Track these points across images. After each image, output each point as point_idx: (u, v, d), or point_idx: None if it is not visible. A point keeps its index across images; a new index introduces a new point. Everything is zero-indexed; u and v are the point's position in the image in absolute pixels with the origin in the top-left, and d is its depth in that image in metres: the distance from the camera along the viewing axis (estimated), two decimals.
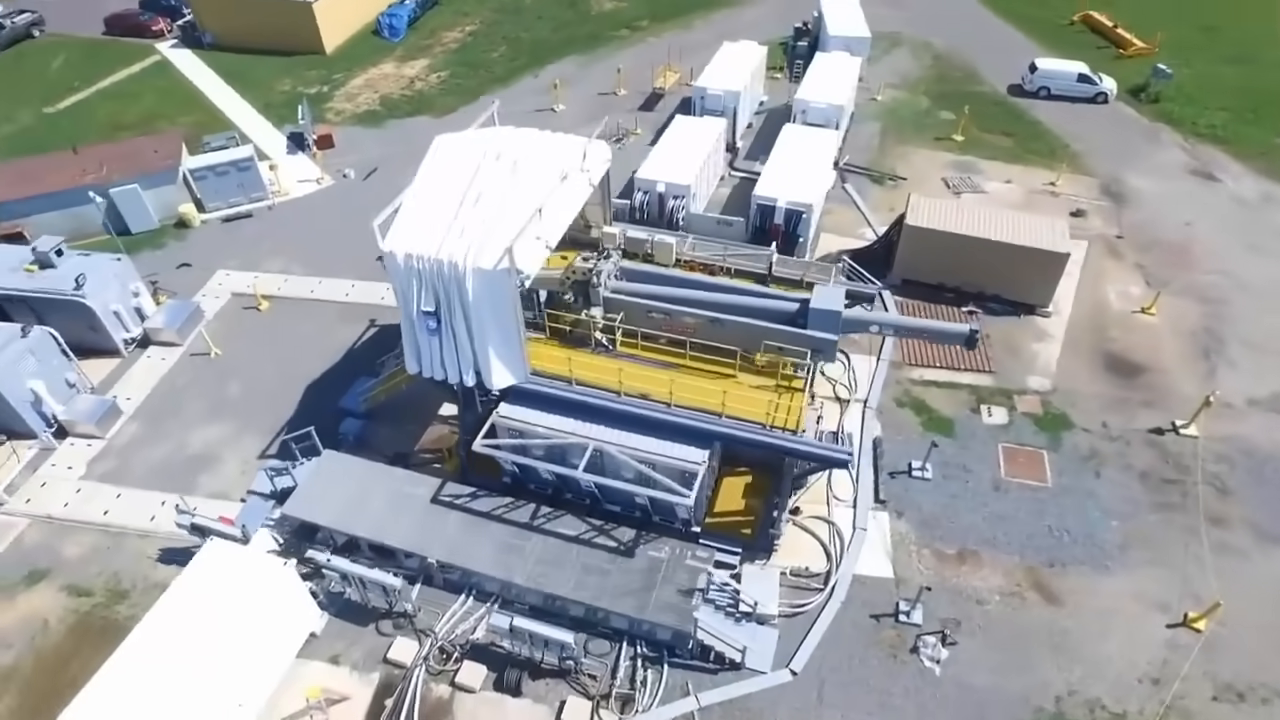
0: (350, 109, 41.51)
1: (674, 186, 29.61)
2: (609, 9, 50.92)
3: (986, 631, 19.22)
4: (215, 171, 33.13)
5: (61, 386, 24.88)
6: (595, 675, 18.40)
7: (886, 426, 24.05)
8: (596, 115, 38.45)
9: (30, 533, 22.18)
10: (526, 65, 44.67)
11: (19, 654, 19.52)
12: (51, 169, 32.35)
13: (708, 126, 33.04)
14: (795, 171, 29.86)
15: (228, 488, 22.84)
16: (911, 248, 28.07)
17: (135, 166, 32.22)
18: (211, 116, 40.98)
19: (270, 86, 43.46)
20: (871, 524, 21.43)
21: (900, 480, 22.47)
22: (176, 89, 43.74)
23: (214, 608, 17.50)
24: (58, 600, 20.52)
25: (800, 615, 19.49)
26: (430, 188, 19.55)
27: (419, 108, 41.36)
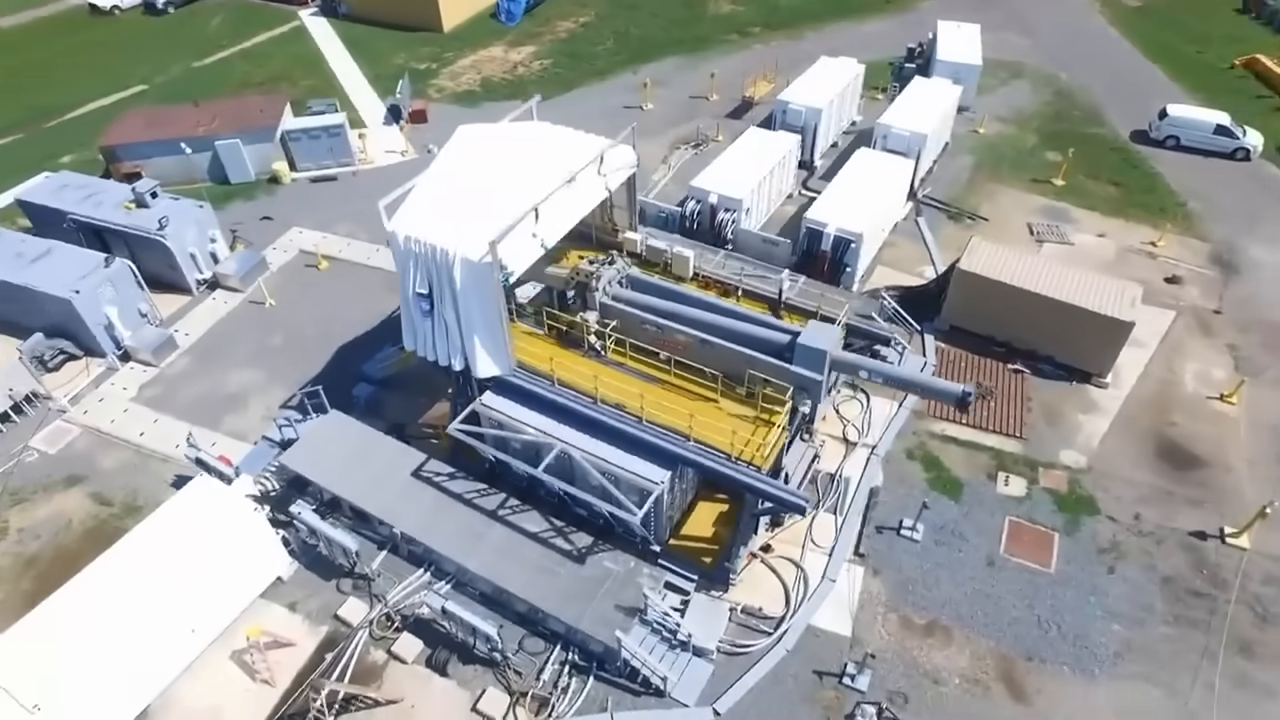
0: (451, 87, 43.26)
1: (726, 199, 29.10)
2: (725, 12, 50.41)
3: (935, 714, 17.93)
4: (309, 135, 35.47)
5: (134, 315, 27.50)
6: (521, 672, 18.56)
7: (889, 478, 22.77)
8: (684, 118, 38.63)
9: (79, 441, 24.70)
10: (628, 61, 44.98)
11: (42, 545, 21.84)
12: (175, 119, 35.62)
13: (779, 141, 32.21)
14: (856, 198, 28.67)
15: (246, 430, 24.56)
16: (962, 294, 26.33)
17: (240, 123, 34.98)
18: (327, 82, 43.83)
19: (385, 59, 45.92)
20: (843, 576, 20.40)
21: (887, 537, 21.25)
22: (305, 54, 47.05)
23: (187, 537, 18.89)
24: (83, 505, 22.80)
25: (742, 656, 18.88)
26: (442, 175, 20.13)
27: (515, 93, 42.50)
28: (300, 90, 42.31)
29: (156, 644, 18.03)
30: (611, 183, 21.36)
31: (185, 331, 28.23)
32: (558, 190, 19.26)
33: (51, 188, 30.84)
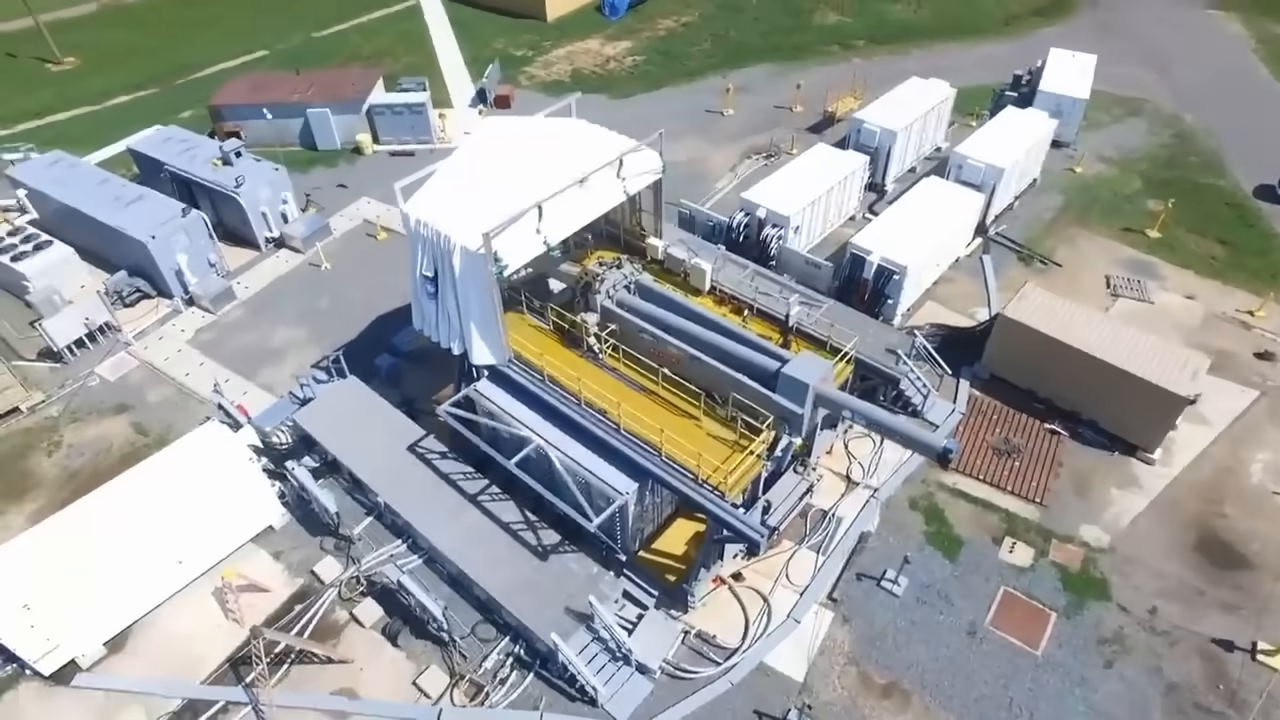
0: (542, 76, 44.10)
1: (775, 215, 28.33)
2: (830, 23, 48.96)
3: None
4: (392, 110, 37.05)
5: (202, 264, 29.65)
6: (466, 656, 18.90)
7: (886, 524, 21.65)
8: (763, 127, 37.90)
9: (135, 373, 26.90)
10: (720, 65, 44.45)
11: (84, 462, 23.95)
12: (276, 85, 38.07)
13: (844, 161, 31.02)
14: (911, 228, 27.30)
15: (276, 384, 26.02)
16: (1004, 342, 24.64)
17: (332, 93, 36.96)
18: (428, 60, 45.61)
19: (486, 43, 47.32)
20: (810, 619, 19.58)
21: (866, 585, 20.23)
22: (413, 32, 49.10)
23: (188, 476, 20.29)
24: (124, 432, 24.84)
25: (686, 681, 18.48)
26: (463, 164, 20.61)
27: (602, 87, 42.89)
28: (400, 66, 44.26)
29: (145, 570, 19.48)
30: (631, 187, 21.23)
31: (245, 285, 30.19)
32: (567, 189, 19.32)
33: (158, 140, 33.63)
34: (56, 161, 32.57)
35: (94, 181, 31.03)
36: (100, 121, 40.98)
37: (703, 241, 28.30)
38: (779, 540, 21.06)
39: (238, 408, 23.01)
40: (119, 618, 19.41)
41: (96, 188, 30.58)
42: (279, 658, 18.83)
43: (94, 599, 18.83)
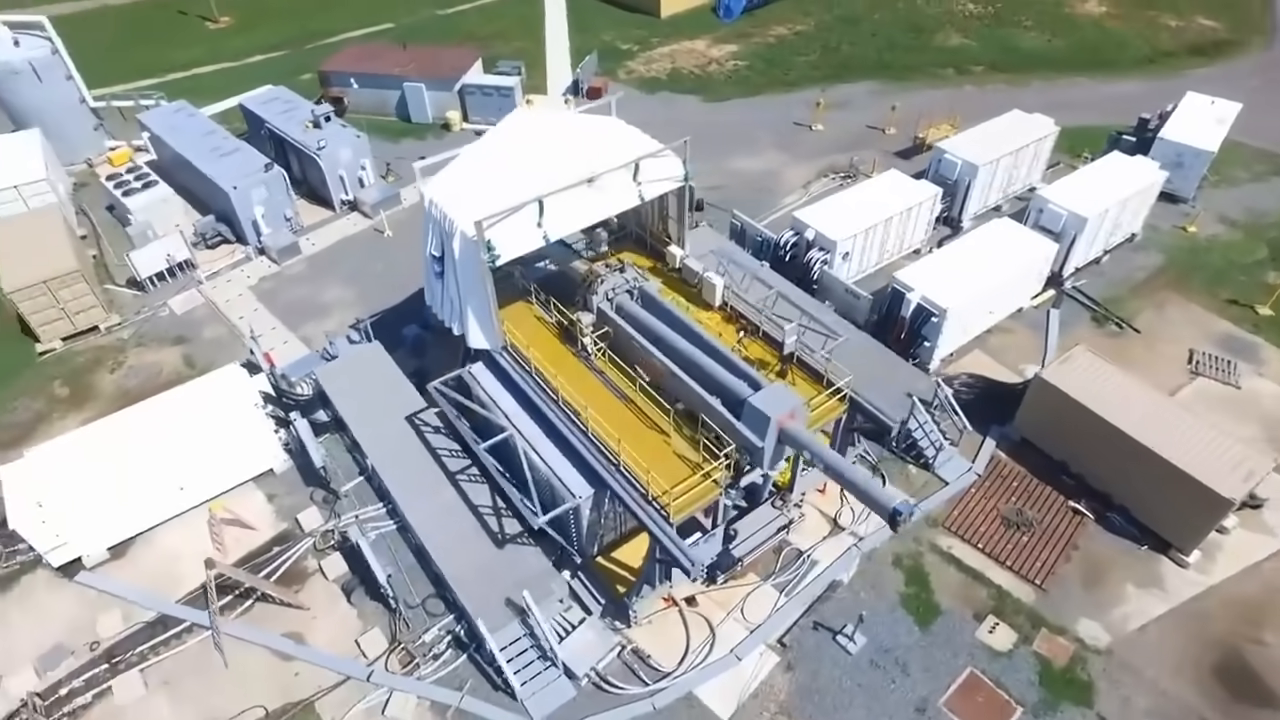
0: (640, 72, 44.25)
1: (823, 239, 27.26)
2: (953, 44, 46.32)
3: None
4: (482, 91, 38.29)
5: (278, 217, 31.81)
6: (410, 625, 19.46)
7: (862, 576, 20.50)
8: (849, 147, 36.52)
9: (199, 310, 29.28)
10: (823, 77, 43.07)
11: (136, 384, 26.28)
12: (382, 57, 40.18)
13: (914, 191, 29.37)
14: (965, 269, 25.57)
15: (314, 338, 27.59)
16: (1040, 406, 22.68)
17: (430, 70, 38.59)
18: (537, 46, 46.75)
19: (595, 34, 47.95)
20: (753, 659, 18.85)
21: (821, 636, 19.23)
22: (529, 17, 50.43)
23: (203, 410, 21.89)
24: (175, 362, 27.11)
25: (609, 695, 18.26)
26: (485, 149, 21.01)
27: (697, 88, 42.56)
28: (510, 50, 45.59)
29: (150, 489, 21.21)
30: (648, 191, 20.98)
31: (313, 241, 32.14)
32: (573, 187, 19.35)
33: (265, 98, 36.29)
34: (178, 110, 35.81)
35: (202, 131, 33.90)
36: (234, 77, 44.63)
37: (746, 256, 27.75)
38: (744, 572, 20.54)
39: (265, 356, 24.57)
40: (122, 528, 21.28)
41: (202, 137, 33.40)
42: (246, 592, 20.09)
43: (103, 507, 20.68)
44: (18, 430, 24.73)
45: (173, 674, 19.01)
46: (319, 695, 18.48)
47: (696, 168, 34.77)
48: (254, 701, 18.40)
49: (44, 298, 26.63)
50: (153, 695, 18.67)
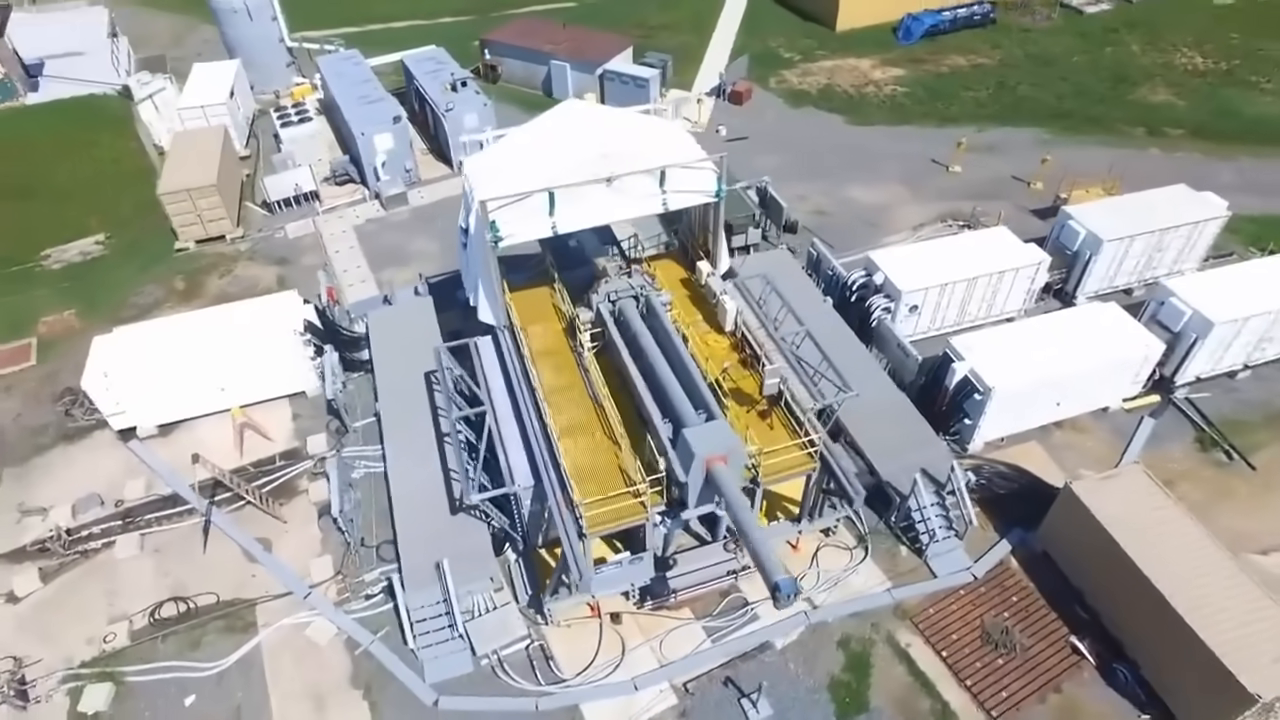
0: (792, 83, 42.89)
1: (891, 286, 25.31)
2: (1155, 100, 40.58)
3: None
4: (620, 79, 38.92)
5: (398, 167, 34.43)
6: (358, 562, 20.74)
7: (800, 646, 19.09)
8: (982, 195, 33.53)
9: (307, 239, 32.47)
10: (986, 117, 39.50)
11: (236, 291, 29.66)
12: (539, 33, 41.92)
13: (1015, 253, 26.38)
14: (1039, 351, 22.80)
15: (388, 282, 29.73)
16: (1065, 521, 19.83)
17: (578, 51, 39.79)
18: (702, 42, 46.63)
19: (763, 38, 47.03)
20: (649, 694, 18.24)
21: (728, 693, 18.20)
22: (705, 12, 50.31)
23: (257, 325, 24.36)
24: (270, 280, 30.32)
25: (501, 682, 18.46)
26: (529, 133, 21.53)
27: (845, 108, 40.63)
28: (671, 42, 45.90)
29: (198, 385, 24.00)
30: (674, 201, 20.58)
31: (422, 195, 34.49)
32: (589, 185, 19.41)
33: (423, 57, 39.20)
34: (347, 58, 39.62)
35: (359, 79, 37.29)
36: (421, 34, 48.28)
37: (806, 284, 26.42)
38: (679, 605, 19.88)
39: (327, 289, 26.88)
40: (171, 411, 24.33)
41: (357, 84, 36.74)
42: (245, 492, 22.32)
43: (159, 390, 23.73)
44: (135, 310, 28.88)
45: (163, 545, 21.62)
46: (262, 599, 20.27)
47: (811, 188, 34.07)
48: (213, 588, 20.53)
49: (185, 204, 30.75)
50: (143, 557, 21.35)
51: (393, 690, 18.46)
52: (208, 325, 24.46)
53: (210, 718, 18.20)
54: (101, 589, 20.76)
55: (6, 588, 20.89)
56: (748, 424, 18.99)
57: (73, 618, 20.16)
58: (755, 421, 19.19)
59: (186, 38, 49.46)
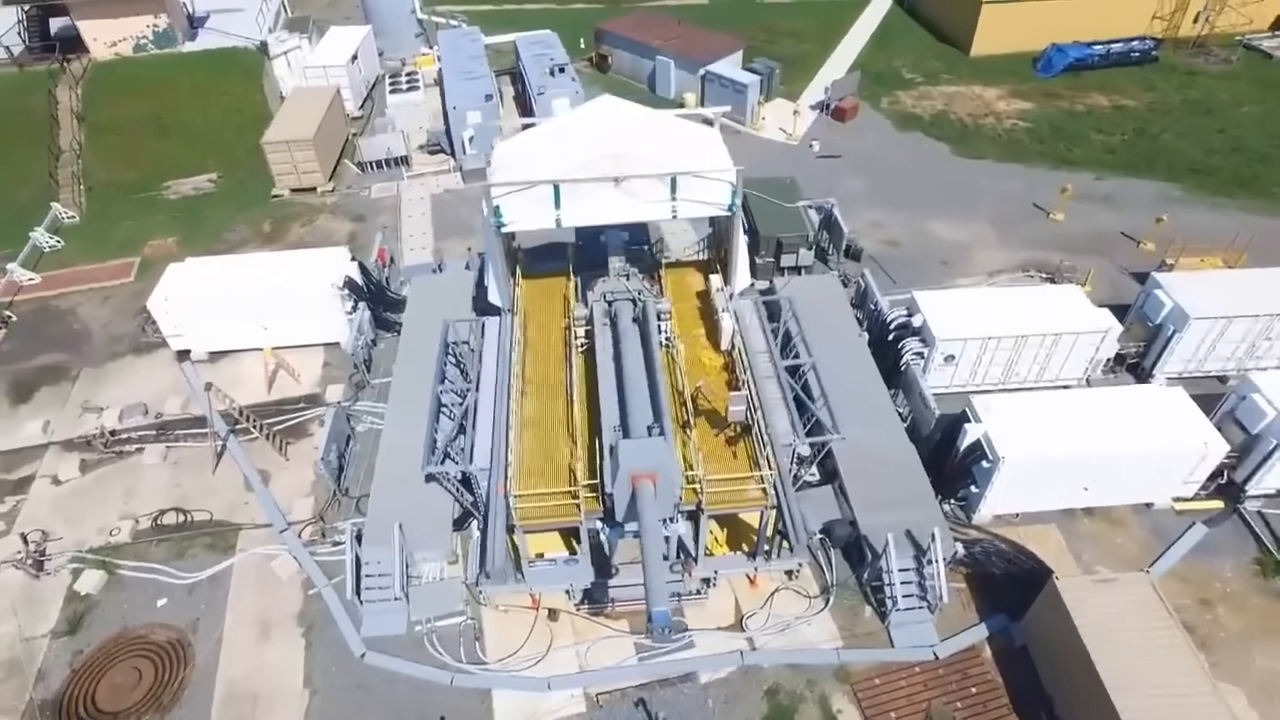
0: (905, 105, 40.68)
1: (929, 332, 23.57)
2: None
3: None
4: (720, 82, 38.33)
5: (485, 143, 35.19)
6: (338, 509, 21.89)
7: (723, 685, 18.29)
8: (1081, 249, 30.64)
9: (387, 200, 34.33)
10: (1113, 164, 35.78)
11: (311, 241, 31.86)
12: (653, 26, 41.99)
13: (1084, 317, 23.82)
14: (1073, 426, 20.62)
15: (448, 250, 30.94)
16: (1045, 617, 17.87)
17: (686, 49, 39.53)
18: (822, 53, 45.09)
19: (890, 55, 44.88)
20: (561, 697, 18.09)
21: (635, 715, 17.77)
22: (835, 24, 48.54)
23: (307, 275, 26.03)
24: (342, 235, 32.32)
25: (424, 652, 18.93)
26: (558, 125, 21.78)
27: (954, 137, 38.10)
28: (794, 51, 44.79)
29: (246, 320, 26.02)
30: (684, 210, 20.16)
31: None
32: (596, 182, 19.36)
33: (533, 40, 40.32)
34: (465, 34, 41.44)
35: (469, 55, 38.91)
36: (551, 17, 49.73)
37: (848, 318, 25.10)
38: (618, 615, 19.62)
39: (379, 250, 28.30)
40: (220, 341, 26.57)
41: (466, 60, 38.38)
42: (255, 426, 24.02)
43: (212, 319, 25.99)
44: (224, 245, 31.69)
45: (181, 459, 23.70)
46: (246, 526, 21.82)
47: (891, 217, 32.38)
48: (210, 506, 22.33)
49: (284, 154, 33.32)
50: (162, 468, 23.52)
51: (330, 635, 19.40)
52: (261, 268, 26.47)
53: (173, 621, 19.85)
54: (123, 488, 23.06)
55: (54, 471, 23.66)
56: (711, 448, 18.45)
57: (94, 508, 22.54)
58: (720, 447, 18.60)
59: (343, 2, 53.35)
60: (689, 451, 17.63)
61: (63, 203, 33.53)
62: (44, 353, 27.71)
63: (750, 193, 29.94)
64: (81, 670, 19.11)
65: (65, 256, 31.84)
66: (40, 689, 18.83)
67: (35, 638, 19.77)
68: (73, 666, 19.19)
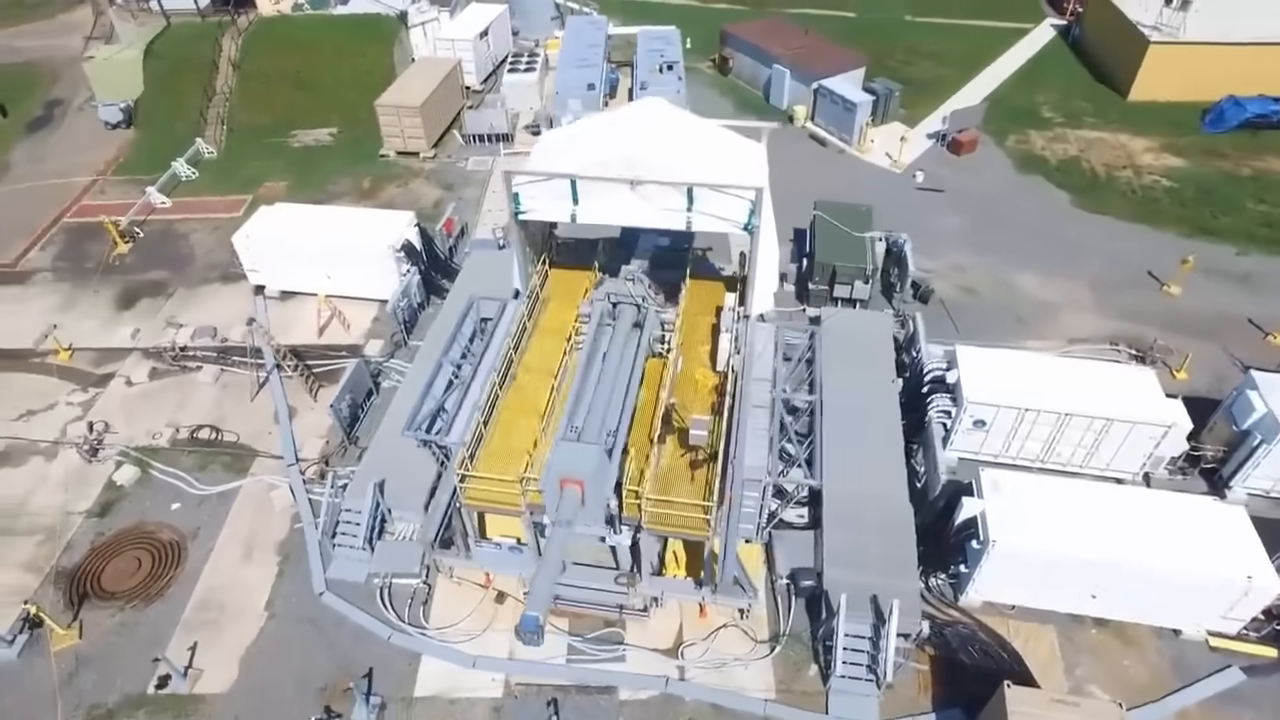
0: (1034, 146, 37.39)
1: (960, 389, 21.77)
2: None
3: None
4: (831, 98, 36.88)
5: None
6: (343, 454, 23.30)
7: (639, 705, 17.96)
8: (1186, 329, 27.35)
9: (480, 173, 35.73)
10: (1263, 240, 31.22)
11: (401, 203, 33.70)
12: (777, 34, 40.91)
13: (1145, 407, 21.14)
14: (1092, 524, 18.54)
15: None
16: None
17: (805, 61, 38.26)
18: (956, 83, 42.23)
19: (1031, 93, 41.46)
20: (483, 677, 18.44)
21: (545, 713, 17.79)
22: (981, 54, 45.15)
23: (370, 233, 27.68)
24: (429, 200, 34.00)
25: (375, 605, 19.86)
26: (604, 120, 21.93)
27: (1079, 187, 34.60)
28: (930, 74, 42.47)
29: (311, 267, 28.04)
30: (697, 223, 19.62)
31: None
32: (611, 182, 19.29)
33: (655, 35, 40.60)
34: (591, 23, 42.22)
35: (588, 44, 39.67)
36: (688, 14, 49.78)
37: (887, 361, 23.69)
38: (560, 612, 19.68)
39: (446, 221, 29.56)
40: (289, 283, 28.83)
41: (582, 48, 39.21)
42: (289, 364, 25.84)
43: (282, 260, 28.24)
44: (324, 196, 34.22)
45: (226, 383, 26.04)
46: (263, 455, 23.69)
47: (977, 261, 30.19)
48: (239, 430, 24.43)
49: (393, 118, 35.47)
50: (213, 387, 25.95)
51: (299, 569, 20.75)
52: (333, 221, 28.42)
53: (179, 526, 21.95)
54: (176, 399, 25.63)
55: (130, 373, 26.68)
56: (675, 467, 18.06)
57: (149, 412, 25.22)
58: (682, 468, 18.13)
59: None
60: (639, 466, 17.36)
61: (206, 139, 37.41)
62: (154, 268, 31.19)
63: (819, 215, 28.84)
64: (98, 550, 21.57)
65: (196, 187, 35.57)
66: (65, 558, 21.43)
67: (73, 513, 22.48)
68: (93, 545, 21.69)
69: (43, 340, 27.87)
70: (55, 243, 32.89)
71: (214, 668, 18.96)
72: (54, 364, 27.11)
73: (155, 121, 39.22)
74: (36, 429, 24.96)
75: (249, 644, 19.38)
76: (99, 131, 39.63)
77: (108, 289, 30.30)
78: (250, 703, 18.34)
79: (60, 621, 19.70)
